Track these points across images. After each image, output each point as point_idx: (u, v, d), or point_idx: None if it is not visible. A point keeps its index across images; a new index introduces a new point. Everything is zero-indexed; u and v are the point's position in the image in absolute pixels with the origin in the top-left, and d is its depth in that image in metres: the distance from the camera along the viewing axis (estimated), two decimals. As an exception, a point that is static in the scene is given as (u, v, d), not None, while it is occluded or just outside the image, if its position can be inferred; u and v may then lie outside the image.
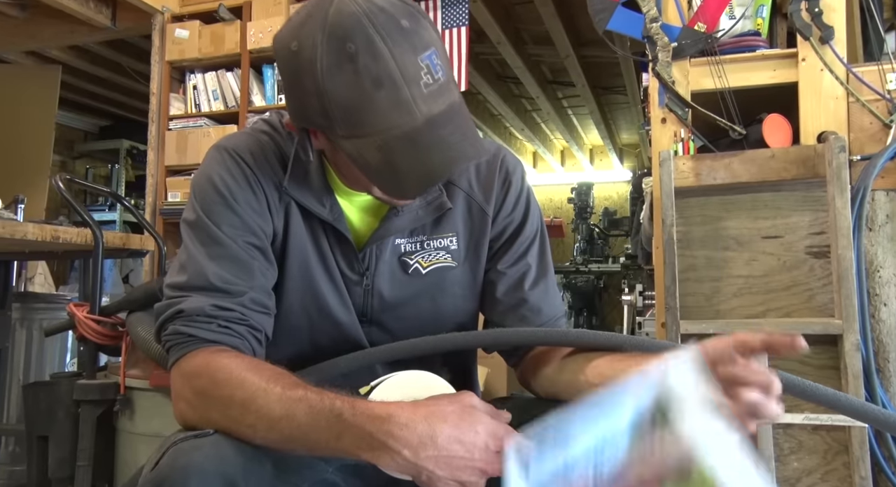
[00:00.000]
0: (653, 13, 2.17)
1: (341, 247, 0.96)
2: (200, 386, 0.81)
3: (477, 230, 1.02)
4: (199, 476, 0.69)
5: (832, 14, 2.03)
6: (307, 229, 0.95)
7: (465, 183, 1.02)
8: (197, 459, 0.71)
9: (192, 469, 0.69)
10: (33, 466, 2.01)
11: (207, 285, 0.86)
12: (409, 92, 0.77)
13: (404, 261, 0.99)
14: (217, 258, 0.88)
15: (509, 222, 1.04)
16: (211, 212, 0.90)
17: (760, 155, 1.97)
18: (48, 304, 3.02)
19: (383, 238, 0.97)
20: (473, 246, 1.02)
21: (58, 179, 2.18)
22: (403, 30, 0.77)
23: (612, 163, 8.76)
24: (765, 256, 1.97)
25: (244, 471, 0.72)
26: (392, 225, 0.96)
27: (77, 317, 1.98)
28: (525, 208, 1.05)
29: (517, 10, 4.52)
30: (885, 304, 1.92)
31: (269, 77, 3.59)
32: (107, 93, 5.89)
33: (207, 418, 0.79)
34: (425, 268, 0.99)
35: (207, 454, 0.72)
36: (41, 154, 4.47)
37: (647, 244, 2.49)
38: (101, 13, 3.81)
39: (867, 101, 1.98)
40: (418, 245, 0.99)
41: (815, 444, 1.83)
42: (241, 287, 0.87)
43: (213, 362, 0.81)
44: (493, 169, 1.03)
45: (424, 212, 0.98)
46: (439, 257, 1.00)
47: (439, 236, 1.00)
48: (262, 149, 0.94)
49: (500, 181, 1.03)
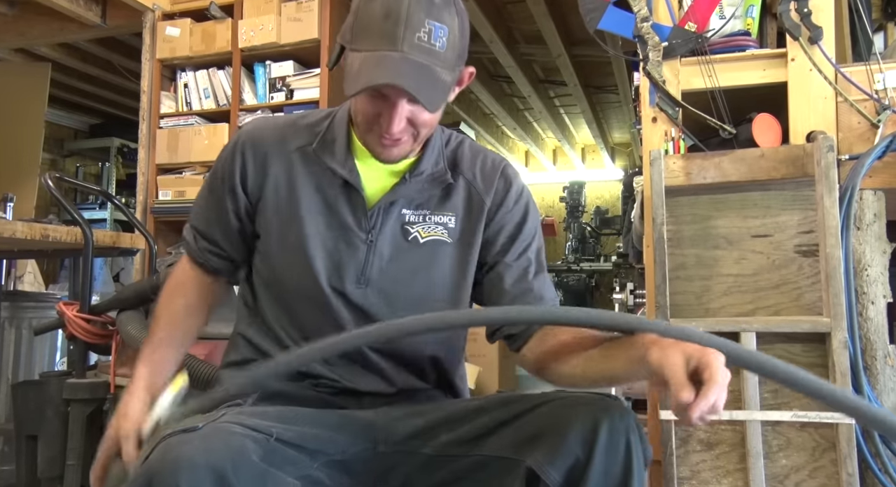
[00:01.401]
0: (643, 13, 2.18)
1: (352, 205, 1.08)
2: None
3: (474, 216, 1.12)
4: (188, 468, 0.73)
5: (821, 14, 2.05)
6: (318, 189, 1.09)
7: (470, 173, 1.14)
8: (186, 452, 0.74)
9: (182, 462, 0.73)
10: (22, 465, 2.00)
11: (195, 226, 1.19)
12: (402, 32, 0.92)
13: (406, 230, 1.09)
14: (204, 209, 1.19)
15: (510, 218, 1.14)
16: (210, 178, 1.18)
17: (750, 154, 1.98)
18: (38, 303, 3.01)
19: (391, 202, 1.08)
20: (469, 229, 1.12)
21: (47, 178, 2.17)
22: (433, 1, 0.93)
23: (604, 162, 8.78)
24: (754, 255, 1.98)
25: (233, 463, 0.76)
26: (400, 190, 1.09)
27: (67, 316, 1.97)
28: (525, 207, 1.16)
29: (509, 9, 4.52)
30: (873, 302, 1.93)
31: (260, 75, 3.58)
32: (97, 91, 5.85)
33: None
34: (423, 238, 1.09)
35: (196, 447, 0.76)
36: (31, 152, 4.44)
37: (638, 243, 2.51)
38: (91, 11, 3.79)
39: (855, 101, 1.99)
40: (421, 217, 1.10)
41: (804, 441, 1.84)
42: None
43: (179, 266, 1.21)
44: (496, 169, 1.16)
45: (430, 184, 1.11)
46: (437, 231, 1.10)
47: (441, 213, 1.11)
48: (295, 123, 1.15)
49: (502, 181, 1.15)
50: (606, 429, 0.83)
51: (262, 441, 0.84)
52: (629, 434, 0.84)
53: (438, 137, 1.14)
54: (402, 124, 0.99)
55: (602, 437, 0.82)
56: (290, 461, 0.88)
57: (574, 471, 0.83)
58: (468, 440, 0.95)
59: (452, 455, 0.96)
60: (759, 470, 1.83)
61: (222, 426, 0.83)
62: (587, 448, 0.82)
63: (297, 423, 0.94)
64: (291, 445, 0.89)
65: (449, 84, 0.98)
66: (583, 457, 0.82)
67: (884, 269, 1.97)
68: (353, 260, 1.07)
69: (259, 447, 0.81)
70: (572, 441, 0.83)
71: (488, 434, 0.94)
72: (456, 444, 0.96)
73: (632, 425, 0.85)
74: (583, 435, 0.83)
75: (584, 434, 0.83)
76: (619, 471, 0.82)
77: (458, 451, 0.95)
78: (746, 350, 0.85)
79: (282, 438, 0.88)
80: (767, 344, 1.88)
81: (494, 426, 0.94)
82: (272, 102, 3.54)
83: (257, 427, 0.86)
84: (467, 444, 0.95)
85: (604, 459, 0.82)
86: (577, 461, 0.82)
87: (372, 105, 0.99)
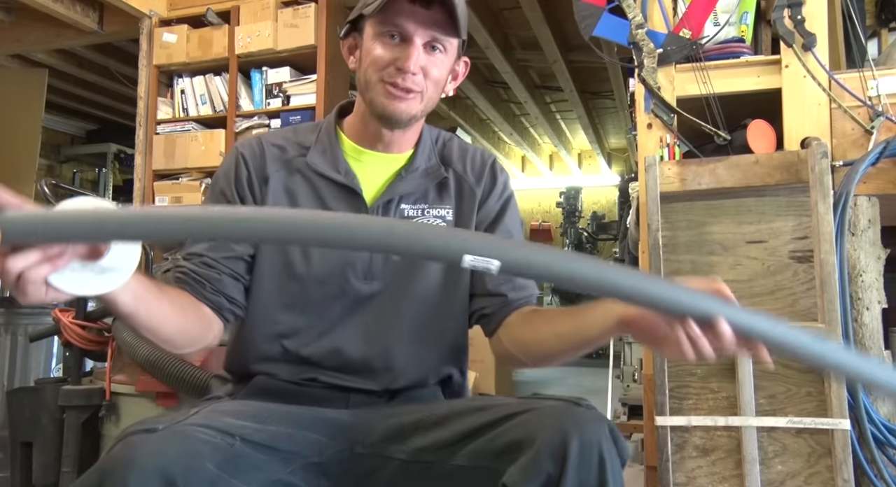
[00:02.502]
0: (638, 19, 2.19)
1: (353, 208, 1.09)
2: None
3: (466, 206, 1.15)
4: (139, 470, 0.75)
5: (814, 21, 2.06)
6: (316, 195, 1.10)
7: (460, 166, 1.17)
8: (140, 453, 0.76)
9: (135, 463, 0.75)
10: (17, 472, 1.99)
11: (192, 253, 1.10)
12: None
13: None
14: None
15: (495, 207, 1.17)
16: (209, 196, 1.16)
17: (745, 160, 1.99)
18: (33, 309, 3.00)
19: (389, 199, 1.11)
20: (463, 220, 1.15)
21: (44, 184, 2.17)
22: None
23: (601, 168, 8.80)
24: (749, 261, 1.98)
25: (184, 469, 0.77)
26: (397, 187, 1.11)
27: (62, 323, 1.97)
28: (509, 199, 1.19)
29: (505, 15, 4.54)
30: (868, 308, 1.94)
31: (256, 81, 3.59)
32: (94, 97, 5.86)
33: None
34: None
35: (150, 449, 0.77)
36: (27, 158, 4.44)
37: (634, 248, 2.51)
38: (89, 17, 3.80)
39: (849, 108, 2.00)
40: (420, 211, 1.13)
41: (799, 447, 1.85)
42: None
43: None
44: (486, 162, 1.20)
45: (425, 179, 1.13)
46: (436, 223, 1.13)
47: (438, 206, 1.14)
48: (282, 136, 1.16)
49: (490, 174, 1.18)
50: (577, 444, 0.82)
51: (224, 447, 0.84)
52: (601, 445, 0.83)
53: (428, 135, 1.18)
54: (419, 64, 1.02)
55: (573, 453, 0.81)
56: (255, 466, 0.88)
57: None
58: (442, 446, 0.95)
59: (427, 462, 0.96)
60: (754, 477, 1.83)
61: (184, 429, 0.83)
62: (559, 464, 0.81)
63: (273, 423, 0.94)
64: (262, 447, 0.89)
65: (463, 36, 1.06)
66: (555, 474, 0.81)
67: (878, 275, 1.98)
68: (360, 258, 1.08)
69: (217, 453, 0.82)
70: (543, 458, 0.82)
71: (462, 442, 0.94)
72: (431, 450, 0.96)
73: (604, 434, 0.84)
74: (552, 451, 0.82)
75: (554, 449, 0.82)
76: (593, 483, 0.82)
77: (433, 457, 0.95)
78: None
79: (252, 439, 0.88)
80: (763, 349, 1.89)
81: (469, 432, 0.93)
82: (269, 108, 3.55)
83: (227, 429, 0.86)
84: (442, 450, 0.95)
85: (576, 473, 0.81)
86: (549, 478, 0.82)
87: (388, 49, 1.02)
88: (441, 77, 1.07)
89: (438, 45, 1.03)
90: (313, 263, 1.08)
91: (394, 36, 1.02)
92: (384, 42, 1.02)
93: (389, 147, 1.13)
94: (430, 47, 1.03)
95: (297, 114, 3.45)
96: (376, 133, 1.11)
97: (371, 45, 1.03)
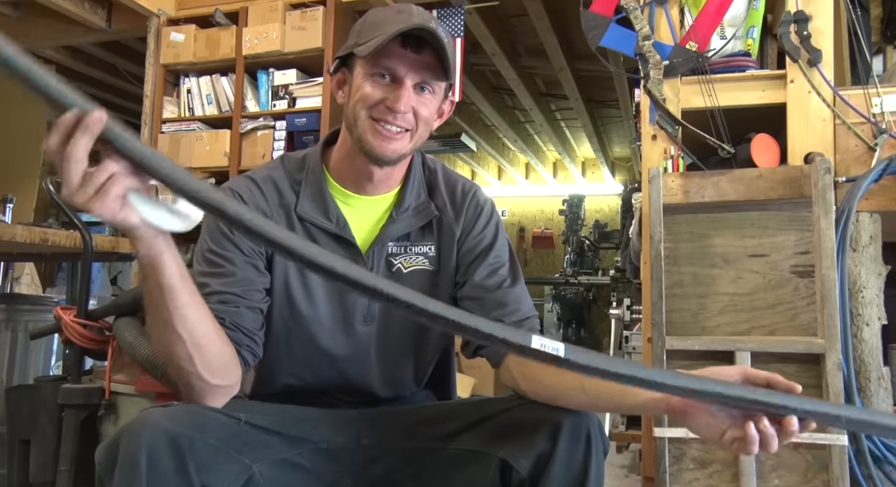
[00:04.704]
0: (645, 31, 2.20)
1: (350, 256, 1.09)
2: None
3: (447, 243, 1.15)
4: (150, 432, 0.84)
5: (820, 37, 2.07)
6: (313, 241, 1.08)
7: (441, 201, 1.17)
8: (152, 420, 0.86)
9: (148, 424, 0.85)
10: (14, 470, 1.99)
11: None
12: (416, 20, 1.01)
13: (390, 261, 1.13)
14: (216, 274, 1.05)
15: (480, 239, 1.15)
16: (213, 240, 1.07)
17: (748, 174, 1.99)
18: (34, 306, 3.00)
19: (383, 242, 1.12)
20: (445, 256, 1.15)
21: (49, 183, 2.17)
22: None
23: (604, 176, 8.80)
24: (750, 274, 1.99)
25: (190, 436, 0.86)
26: (390, 230, 1.12)
27: (64, 321, 1.97)
28: (495, 230, 1.17)
29: (513, 22, 4.55)
30: (868, 324, 1.94)
31: (263, 82, 3.60)
32: (100, 95, 5.86)
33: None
34: (406, 269, 1.13)
35: (164, 415, 0.87)
36: (31, 155, 4.44)
37: (635, 259, 2.51)
38: (97, 14, 3.81)
39: (853, 124, 2.01)
40: (403, 249, 1.14)
41: (796, 462, 1.85)
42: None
43: None
44: (466, 196, 1.18)
45: (416, 218, 1.14)
46: (418, 261, 1.14)
47: (420, 243, 1.15)
48: (274, 179, 1.12)
49: (472, 206, 1.17)
50: (569, 424, 0.92)
51: (231, 425, 0.93)
52: (590, 427, 0.93)
53: (418, 168, 1.17)
54: (410, 104, 1.03)
55: (565, 430, 0.91)
56: (262, 443, 0.95)
57: (541, 460, 0.92)
58: (445, 436, 1.03)
59: (430, 448, 1.03)
60: None
61: (195, 408, 0.93)
62: (552, 440, 0.91)
63: (280, 414, 1.02)
64: (268, 431, 0.97)
65: (451, 80, 1.08)
66: (548, 448, 0.91)
67: (879, 291, 1.98)
68: (360, 302, 1.11)
69: (224, 429, 0.91)
70: (539, 436, 0.92)
71: (463, 431, 1.02)
72: (433, 439, 1.04)
73: (593, 420, 0.94)
74: (548, 431, 0.92)
75: (549, 429, 0.92)
76: (580, 458, 0.91)
77: (436, 445, 1.03)
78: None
79: (258, 424, 0.96)
80: (762, 363, 1.89)
81: (469, 424, 1.02)
82: (274, 110, 3.55)
83: (234, 412, 0.95)
84: (445, 439, 1.03)
85: (567, 447, 0.91)
86: (543, 451, 0.92)
87: (379, 88, 1.03)
88: (430, 116, 1.08)
89: (427, 86, 1.05)
90: (318, 305, 1.10)
91: (384, 76, 1.03)
92: (375, 81, 1.03)
93: (377, 186, 1.12)
94: (419, 88, 1.05)
95: (303, 117, 3.46)
96: (363, 170, 1.09)
97: (361, 83, 1.04)
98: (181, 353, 0.90)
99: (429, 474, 1.02)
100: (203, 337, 0.90)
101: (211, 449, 0.87)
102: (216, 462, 0.88)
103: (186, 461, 0.84)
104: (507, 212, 9.79)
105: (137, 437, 0.84)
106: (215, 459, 0.88)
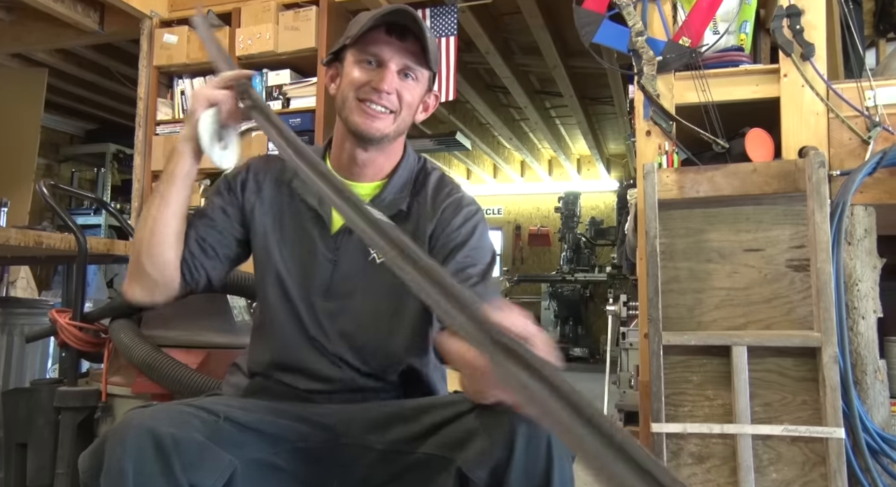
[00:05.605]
0: (638, 27, 2.20)
1: (320, 231, 1.19)
2: None
3: (419, 239, 1.18)
4: (134, 432, 0.88)
5: (813, 31, 2.07)
6: (296, 216, 1.21)
7: (422, 199, 1.21)
8: (135, 421, 0.90)
9: (132, 425, 0.89)
10: (11, 474, 1.99)
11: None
12: (398, 7, 1.11)
13: (367, 251, 1.17)
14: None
15: (454, 236, 1.16)
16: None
17: (742, 168, 1.99)
18: (30, 310, 2.99)
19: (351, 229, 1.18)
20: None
21: (43, 186, 2.16)
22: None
23: (600, 173, 8.81)
24: (746, 269, 1.99)
25: (173, 434, 0.89)
26: None
27: (59, 324, 1.96)
28: (472, 230, 1.18)
29: (506, 20, 4.55)
30: (864, 317, 1.95)
31: (256, 83, 3.59)
32: (94, 97, 5.85)
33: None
34: (380, 259, 1.15)
35: (146, 415, 0.92)
36: (26, 157, 4.43)
37: (631, 255, 2.52)
38: (89, 17, 3.79)
39: (847, 118, 2.01)
40: None
41: (794, 456, 1.85)
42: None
43: None
44: (449, 197, 1.21)
45: (387, 209, 1.16)
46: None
47: None
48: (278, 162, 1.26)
49: (451, 206, 1.19)
50: (524, 431, 0.89)
51: (210, 422, 0.96)
52: (549, 435, 0.90)
53: (412, 166, 1.24)
54: (394, 85, 1.12)
55: (520, 439, 0.89)
56: (237, 443, 0.97)
57: (497, 470, 0.90)
58: (415, 437, 1.04)
59: (401, 451, 1.04)
60: (749, 485, 1.84)
61: (174, 406, 0.98)
62: (507, 449, 0.89)
63: (259, 411, 1.05)
64: (247, 428, 1.00)
65: (433, 69, 1.17)
66: (504, 458, 0.89)
67: (874, 284, 1.98)
68: (321, 276, 1.17)
69: (205, 426, 0.94)
70: (495, 444, 0.90)
71: (431, 433, 1.02)
72: (404, 441, 1.04)
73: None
74: (503, 438, 0.90)
75: (505, 437, 0.90)
76: (540, 467, 0.89)
77: (406, 448, 1.04)
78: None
79: (237, 420, 0.99)
80: (759, 357, 1.89)
81: (438, 424, 1.02)
82: (268, 111, 3.54)
83: (213, 409, 0.98)
84: (414, 441, 1.03)
85: (523, 457, 0.89)
86: (499, 461, 0.90)
87: (365, 72, 1.13)
88: (413, 101, 1.17)
89: (411, 73, 1.15)
90: (294, 279, 1.19)
91: (371, 62, 1.14)
92: (362, 67, 1.14)
93: (364, 172, 1.19)
94: (403, 74, 1.14)
95: (297, 117, 3.46)
96: (351, 154, 1.18)
97: (350, 70, 1.15)
98: (145, 231, 1.11)
99: (408, 477, 1.03)
100: (167, 227, 1.10)
101: (195, 446, 0.91)
102: (201, 458, 0.91)
103: (172, 461, 0.87)
104: (503, 210, 9.80)
105: (122, 442, 0.87)
106: (200, 456, 0.91)
